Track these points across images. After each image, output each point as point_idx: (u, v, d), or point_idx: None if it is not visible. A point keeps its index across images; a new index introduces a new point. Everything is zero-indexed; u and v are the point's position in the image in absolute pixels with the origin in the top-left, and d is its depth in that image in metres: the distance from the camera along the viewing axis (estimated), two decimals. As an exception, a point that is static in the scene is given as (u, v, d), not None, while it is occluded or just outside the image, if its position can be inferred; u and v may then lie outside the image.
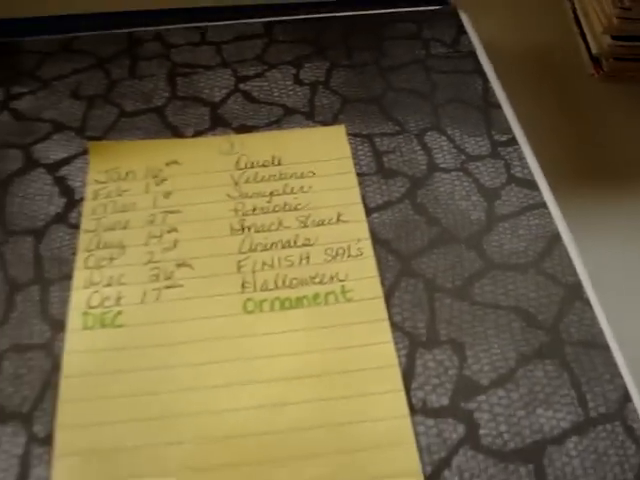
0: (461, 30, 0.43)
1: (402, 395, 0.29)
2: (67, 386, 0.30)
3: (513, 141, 0.37)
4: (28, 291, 0.33)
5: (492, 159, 0.37)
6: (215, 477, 0.27)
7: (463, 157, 0.37)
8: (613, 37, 0.44)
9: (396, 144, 0.37)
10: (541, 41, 0.48)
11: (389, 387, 0.29)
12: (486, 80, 0.40)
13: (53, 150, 0.38)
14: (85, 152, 0.38)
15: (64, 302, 0.32)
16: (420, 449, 0.27)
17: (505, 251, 0.33)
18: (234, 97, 0.40)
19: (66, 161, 0.38)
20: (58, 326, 0.32)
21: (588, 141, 0.43)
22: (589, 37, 0.47)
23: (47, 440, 0.28)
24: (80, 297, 0.32)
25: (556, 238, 0.34)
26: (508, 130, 0.38)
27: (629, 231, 0.38)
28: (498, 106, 0.39)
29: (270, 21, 0.44)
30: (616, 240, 0.38)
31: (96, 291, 0.33)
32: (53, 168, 0.38)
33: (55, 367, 0.30)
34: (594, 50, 0.46)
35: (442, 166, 0.36)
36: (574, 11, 0.49)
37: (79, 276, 0.33)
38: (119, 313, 0.32)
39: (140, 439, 0.28)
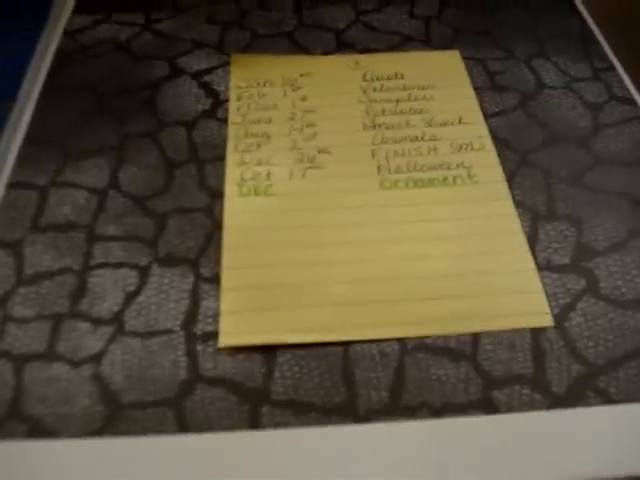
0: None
1: (528, 254, 0.33)
2: (230, 238, 0.34)
3: (611, 68, 0.42)
4: (186, 167, 0.37)
5: (594, 81, 0.41)
6: (361, 310, 0.31)
7: (568, 78, 0.41)
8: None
9: (506, 67, 0.42)
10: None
11: (516, 247, 0.33)
12: (584, 21, 0.45)
13: (196, 62, 0.43)
14: (225, 64, 0.43)
15: (219, 176, 0.37)
16: (547, 296, 0.31)
17: (611, 151, 0.37)
18: (356, 26, 0.45)
19: (208, 71, 0.43)
20: (216, 194, 0.36)
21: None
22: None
23: (213, 279, 0.32)
24: (234, 172, 0.37)
25: (657, 143, 0.38)
26: (606, 60, 0.42)
27: None
28: (596, 42, 0.43)
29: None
30: None
31: (248, 169, 0.37)
32: (197, 75, 0.42)
33: (215, 225, 0.34)
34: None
35: (549, 84, 0.41)
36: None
37: (231, 157, 0.37)
38: (270, 185, 0.36)
39: (297, 278, 0.32)
